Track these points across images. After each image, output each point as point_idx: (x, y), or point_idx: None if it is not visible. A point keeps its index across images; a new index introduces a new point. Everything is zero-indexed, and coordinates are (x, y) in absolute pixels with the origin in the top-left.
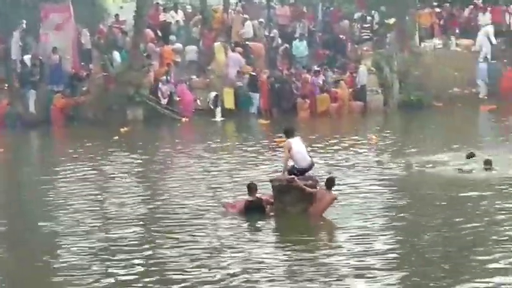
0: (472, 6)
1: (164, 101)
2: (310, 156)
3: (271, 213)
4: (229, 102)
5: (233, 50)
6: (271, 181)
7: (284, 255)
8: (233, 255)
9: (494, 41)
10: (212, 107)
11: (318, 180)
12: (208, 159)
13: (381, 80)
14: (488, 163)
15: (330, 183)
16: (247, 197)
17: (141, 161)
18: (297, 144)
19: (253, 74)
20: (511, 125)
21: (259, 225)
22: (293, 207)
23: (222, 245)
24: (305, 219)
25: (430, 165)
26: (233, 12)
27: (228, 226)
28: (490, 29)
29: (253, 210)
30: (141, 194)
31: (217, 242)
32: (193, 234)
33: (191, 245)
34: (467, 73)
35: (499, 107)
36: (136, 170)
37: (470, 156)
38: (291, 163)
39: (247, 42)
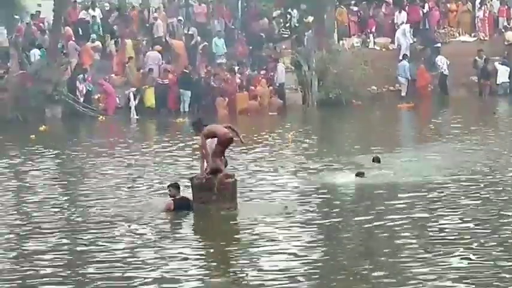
0: (389, 5)
1: (81, 99)
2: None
3: (193, 211)
4: (149, 101)
5: (151, 48)
6: (190, 179)
7: (204, 251)
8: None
9: (411, 39)
10: (130, 105)
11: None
12: (127, 158)
13: (299, 78)
14: (360, 174)
15: None
16: (172, 197)
17: (57, 161)
18: (212, 141)
19: (186, 71)
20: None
21: (182, 223)
22: (213, 205)
23: (143, 244)
24: (225, 216)
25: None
26: (153, 10)
27: (149, 224)
28: (407, 28)
29: (178, 209)
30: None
31: (138, 241)
32: (113, 232)
33: (112, 242)
34: (385, 71)
35: (415, 105)
36: (51, 169)
37: (376, 160)
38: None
39: (167, 40)
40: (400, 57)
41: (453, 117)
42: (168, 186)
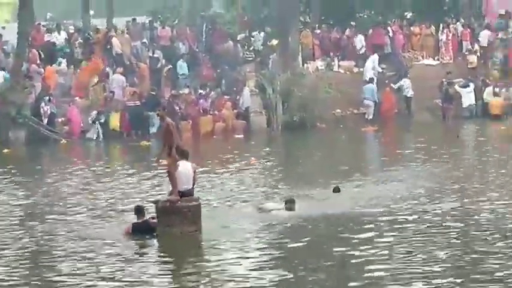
0: (352, 28)
1: (45, 121)
2: (194, 182)
3: (158, 234)
4: (114, 123)
5: (114, 71)
6: (155, 203)
7: (168, 275)
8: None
9: (379, 69)
10: (94, 127)
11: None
12: (89, 182)
13: (264, 101)
14: (290, 202)
15: None
16: (135, 220)
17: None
18: (183, 166)
19: (154, 93)
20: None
21: (144, 247)
22: (176, 228)
23: (106, 267)
24: (189, 240)
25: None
26: (117, 33)
27: (113, 248)
28: (376, 59)
29: (140, 232)
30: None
31: (102, 266)
32: (76, 258)
33: (74, 270)
34: (349, 94)
35: (380, 128)
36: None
37: (336, 190)
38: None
39: (130, 62)
40: (367, 80)
41: (416, 141)
42: (134, 208)
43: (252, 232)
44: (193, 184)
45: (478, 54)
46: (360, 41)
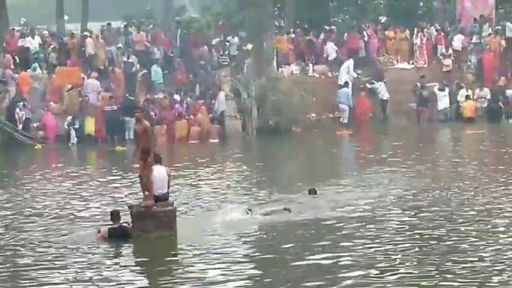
0: (326, 32)
1: (20, 126)
2: (168, 187)
3: (133, 239)
4: (89, 128)
5: (89, 76)
6: (129, 207)
7: (142, 279)
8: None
9: (354, 74)
10: (69, 132)
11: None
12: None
13: (239, 105)
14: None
15: None
16: (110, 224)
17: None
18: (157, 171)
19: (131, 98)
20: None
21: (120, 251)
22: (152, 233)
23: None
24: (165, 244)
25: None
26: (92, 38)
27: (87, 253)
28: (351, 64)
29: (116, 237)
30: None
31: (80, 271)
32: (54, 262)
33: (52, 273)
34: (324, 98)
35: (354, 132)
36: None
37: (312, 192)
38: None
39: (104, 67)
40: (342, 84)
41: (391, 145)
42: (110, 213)
43: (226, 237)
44: (168, 188)
45: (452, 58)
46: (331, 47)
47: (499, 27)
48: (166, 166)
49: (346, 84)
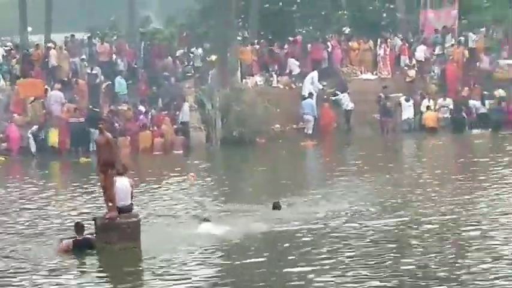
0: (290, 43)
1: None
2: (132, 198)
3: (95, 251)
4: (53, 140)
5: (52, 88)
6: (94, 219)
7: None
8: None
9: (319, 85)
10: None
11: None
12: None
13: (203, 116)
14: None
15: None
16: (75, 236)
17: None
18: (120, 182)
19: (95, 109)
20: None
21: (84, 263)
22: (115, 245)
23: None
24: (129, 256)
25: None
26: (56, 49)
27: (50, 265)
28: (315, 75)
29: (80, 249)
30: None
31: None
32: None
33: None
34: (288, 109)
35: (318, 143)
36: None
37: (276, 207)
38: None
39: (68, 79)
40: (306, 95)
41: (355, 155)
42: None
43: (191, 248)
44: (131, 200)
45: (416, 68)
46: (293, 63)
47: (462, 38)
48: (129, 178)
49: (310, 95)
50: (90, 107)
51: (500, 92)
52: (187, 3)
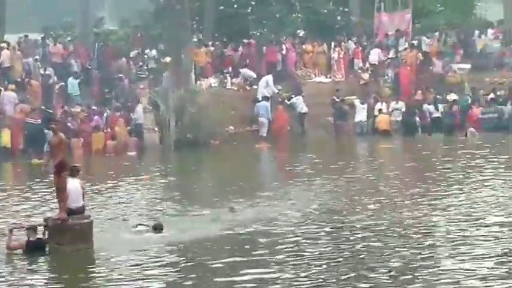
0: (244, 45)
1: None
2: (83, 199)
3: (49, 252)
4: (5, 140)
5: (6, 88)
6: (45, 220)
7: None
8: None
9: (275, 89)
10: None
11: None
12: None
13: (157, 118)
14: (158, 227)
15: None
16: (27, 237)
17: None
18: (72, 184)
19: (48, 110)
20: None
21: (36, 265)
22: (67, 246)
23: None
24: (81, 257)
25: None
26: (9, 49)
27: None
28: (270, 79)
29: (32, 250)
30: None
31: None
32: None
33: None
34: (242, 111)
35: (272, 145)
36: None
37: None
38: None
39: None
40: (260, 98)
41: (308, 158)
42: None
43: (143, 250)
44: (83, 201)
45: (370, 72)
46: (245, 73)
47: (415, 42)
48: (80, 179)
49: (264, 98)
50: (43, 107)
51: (452, 96)
52: (142, 4)
